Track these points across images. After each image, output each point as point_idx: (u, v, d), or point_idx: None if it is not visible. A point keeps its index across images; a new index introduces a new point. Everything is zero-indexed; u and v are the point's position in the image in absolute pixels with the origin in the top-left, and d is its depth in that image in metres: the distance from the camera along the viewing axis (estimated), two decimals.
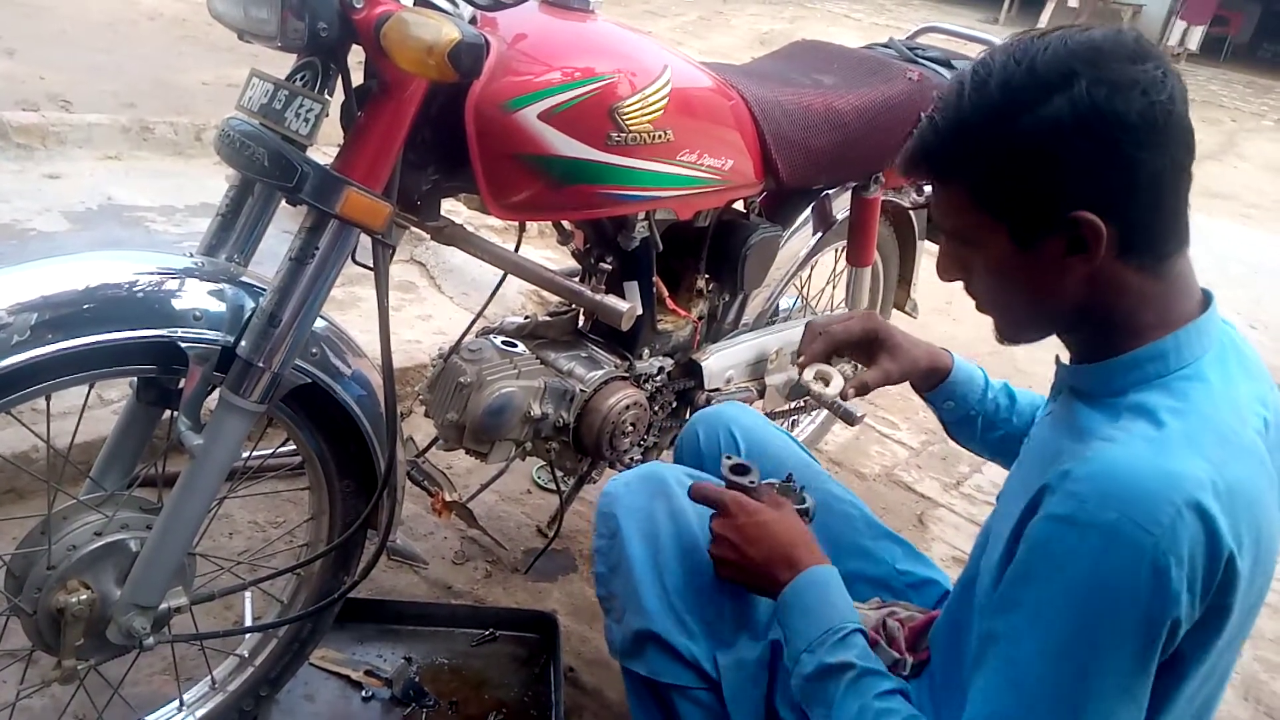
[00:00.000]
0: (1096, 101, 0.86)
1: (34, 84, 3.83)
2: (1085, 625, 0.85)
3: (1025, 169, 0.89)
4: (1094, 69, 0.86)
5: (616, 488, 1.29)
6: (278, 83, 1.16)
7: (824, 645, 1.06)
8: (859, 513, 1.42)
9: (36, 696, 1.38)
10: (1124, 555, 0.83)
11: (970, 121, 0.91)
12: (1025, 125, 0.87)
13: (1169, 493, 0.83)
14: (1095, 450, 0.88)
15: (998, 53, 0.91)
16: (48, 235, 2.88)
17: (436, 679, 1.64)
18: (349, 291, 2.72)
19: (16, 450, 1.75)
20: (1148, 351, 0.94)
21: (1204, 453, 0.86)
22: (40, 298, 1.05)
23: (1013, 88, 0.88)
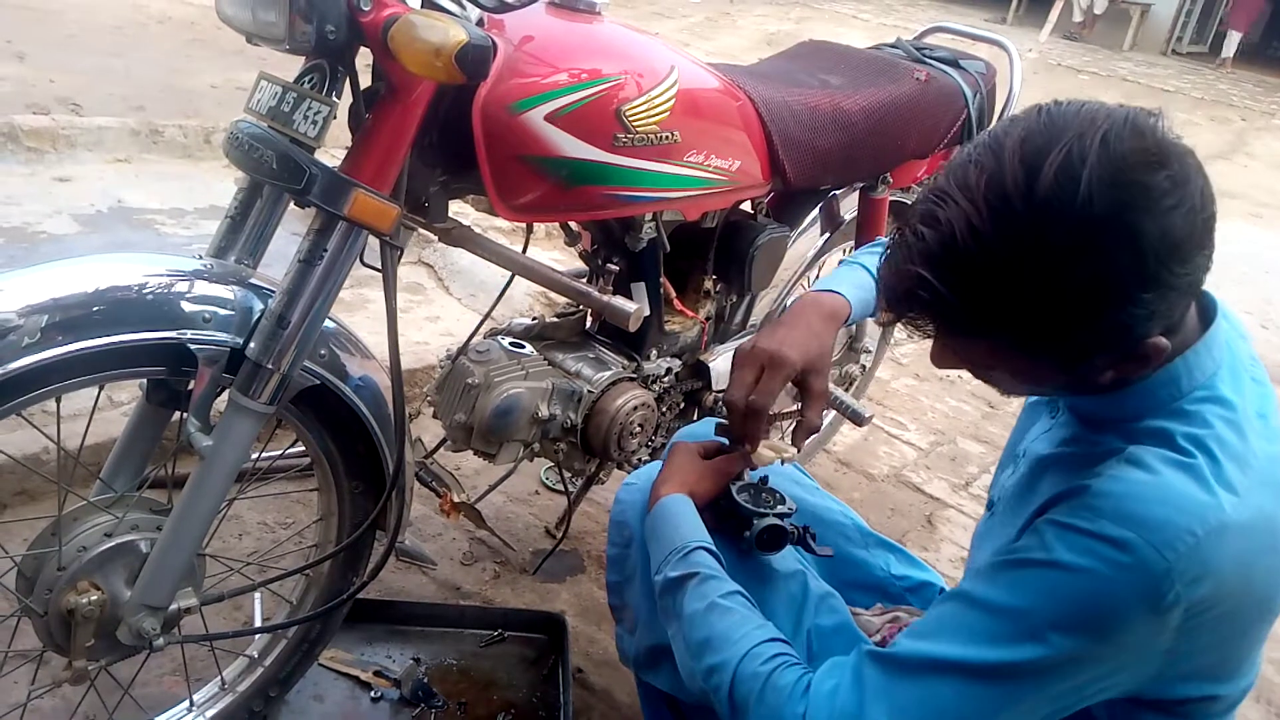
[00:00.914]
0: (1150, 242, 0.78)
1: (44, 87, 3.85)
2: (1063, 623, 0.85)
3: (1080, 322, 0.81)
4: (1144, 199, 0.78)
5: (630, 495, 1.28)
6: (286, 85, 1.16)
7: (669, 563, 1.10)
8: (850, 521, 1.41)
9: (47, 697, 1.39)
10: (1131, 573, 0.82)
11: (1014, 275, 0.80)
12: (1080, 281, 0.79)
13: (1190, 522, 0.82)
14: (1118, 471, 0.87)
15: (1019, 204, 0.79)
16: (58, 238, 2.89)
17: (445, 679, 1.65)
18: (357, 293, 2.72)
19: (27, 452, 1.76)
20: (1159, 379, 0.91)
21: (1226, 483, 0.85)
22: (50, 300, 1.05)
23: (1055, 241, 0.78)
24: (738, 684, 0.98)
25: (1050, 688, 0.87)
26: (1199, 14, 13.50)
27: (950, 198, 0.82)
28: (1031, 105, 0.86)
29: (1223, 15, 12.95)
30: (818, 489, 1.45)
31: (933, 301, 0.84)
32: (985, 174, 0.81)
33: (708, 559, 1.09)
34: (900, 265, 0.86)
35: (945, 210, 0.82)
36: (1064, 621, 0.85)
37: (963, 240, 0.81)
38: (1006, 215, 0.79)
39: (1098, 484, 0.86)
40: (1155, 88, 9.85)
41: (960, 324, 0.86)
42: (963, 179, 0.83)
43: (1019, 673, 0.86)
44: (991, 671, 0.87)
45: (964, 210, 0.81)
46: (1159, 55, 12.63)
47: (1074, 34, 12.43)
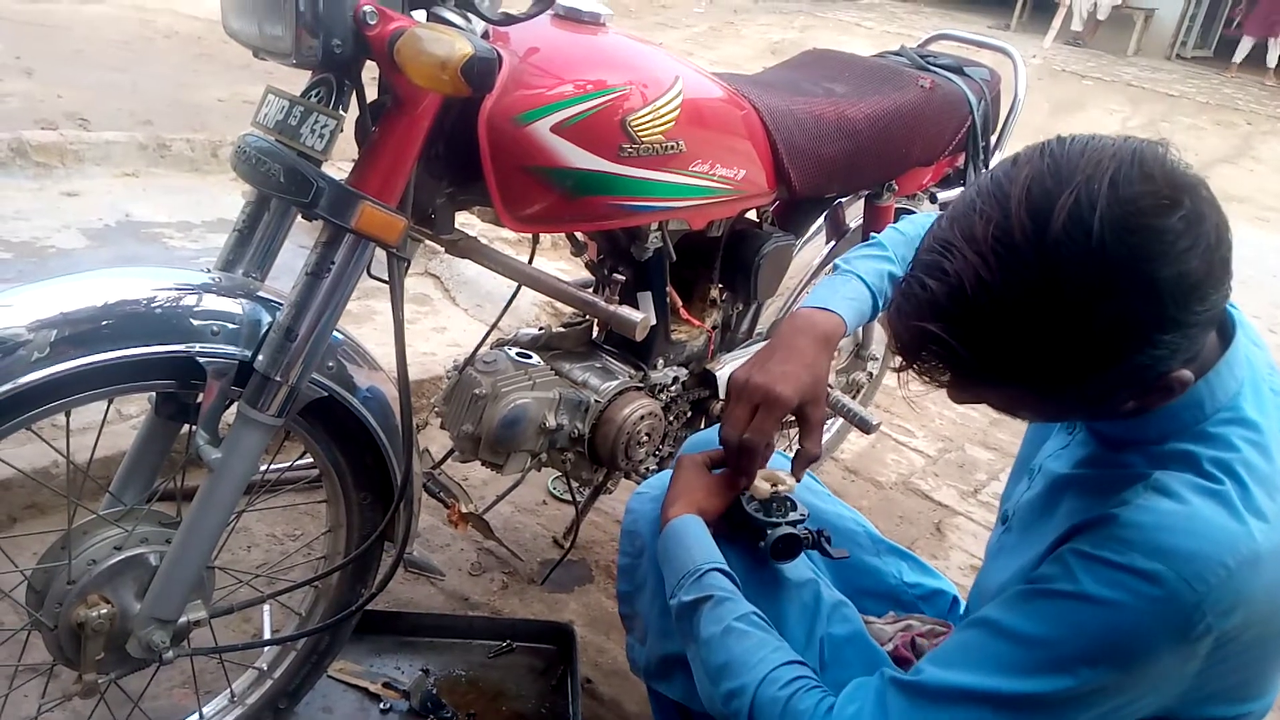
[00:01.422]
0: (1167, 288, 0.77)
1: (52, 103, 3.88)
2: (1090, 654, 0.84)
3: (1103, 368, 0.80)
4: (1158, 245, 0.76)
5: (642, 504, 1.27)
6: (293, 99, 1.17)
7: (682, 587, 1.09)
8: (862, 529, 1.40)
9: (58, 710, 1.39)
10: (1162, 605, 0.81)
11: (1028, 326, 0.78)
12: (1098, 324, 0.77)
13: (1221, 554, 0.81)
14: (1146, 501, 0.86)
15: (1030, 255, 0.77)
16: (66, 252, 2.91)
17: (454, 691, 1.64)
18: (364, 305, 2.73)
19: (37, 466, 1.76)
20: (1182, 402, 0.89)
21: (1256, 510, 0.84)
22: (60, 314, 1.06)
23: (1069, 291, 0.76)
24: (757, 709, 0.98)
25: (1076, 715, 0.87)
26: (1203, 19, 13.48)
27: (956, 249, 0.80)
28: (1034, 145, 0.84)
29: (1235, 20, 12.87)
30: (830, 495, 1.45)
31: (944, 354, 0.83)
32: (991, 224, 0.79)
33: (721, 580, 1.08)
34: (909, 319, 0.84)
35: (952, 262, 0.80)
36: (1093, 654, 0.84)
37: (973, 293, 0.79)
38: (1016, 267, 0.77)
39: (1126, 514, 0.85)
40: (1160, 92, 9.85)
41: (975, 374, 0.85)
42: (968, 229, 0.80)
43: (1045, 703, 0.86)
44: (1018, 702, 0.86)
45: (971, 263, 0.79)
46: (1163, 60, 12.63)
47: (1078, 40, 12.43)
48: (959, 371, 0.86)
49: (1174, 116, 8.81)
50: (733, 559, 1.16)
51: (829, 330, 1.22)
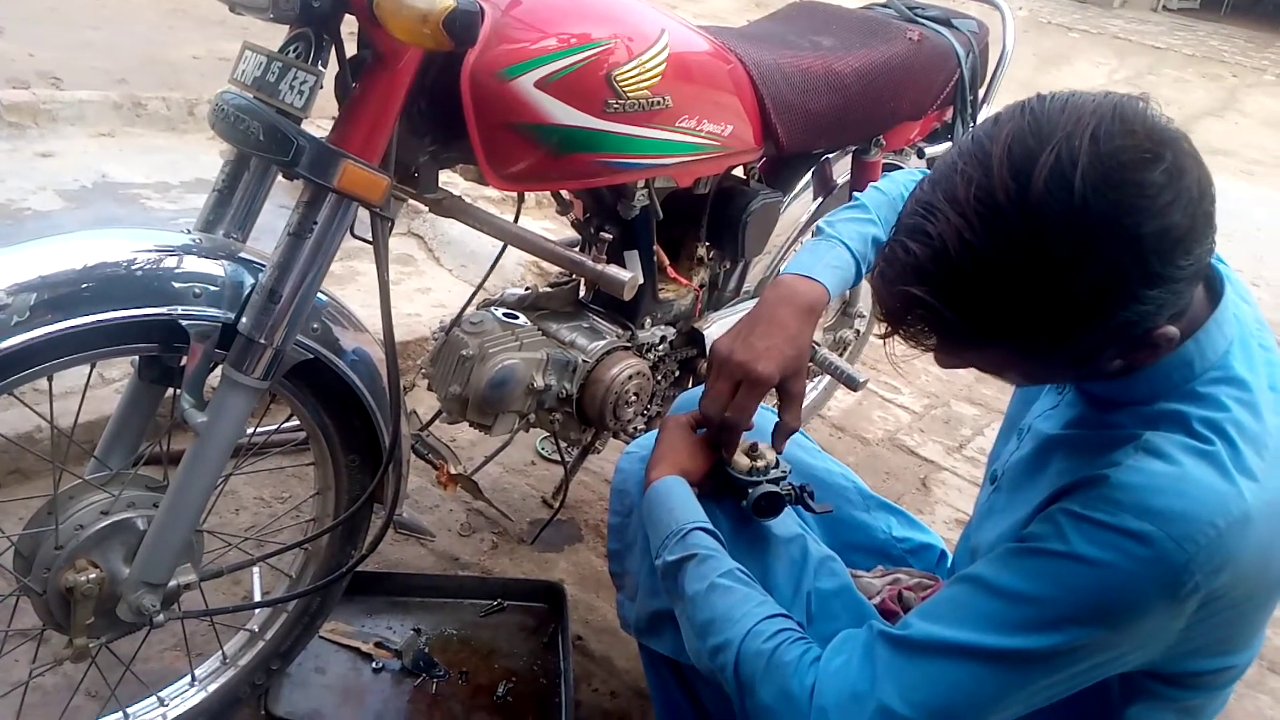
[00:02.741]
0: (1151, 243, 0.77)
1: (24, 61, 3.79)
2: (1081, 614, 0.85)
3: (1088, 326, 0.80)
4: (1140, 200, 0.76)
5: (631, 464, 1.28)
6: (271, 55, 1.14)
7: (667, 547, 1.10)
8: (851, 484, 1.41)
9: (49, 675, 1.39)
10: (1151, 566, 0.82)
11: (1013, 286, 0.78)
12: (1082, 290, 0.77)
13: (1211, 514, 0.81)
14: (1137, 461, 0.86)
15: (1013, 214, 0.76)
16: (43, 214, 2.86)
17: (446, 649, 1.66)
18: (348, 266, 2.70)
19: (20, 431, 1.75)
20: (1171, 361, 0.89)
21: (1248, 469, 0.84)
22: (39, 278, 1.04)
23: (1066, 258, 0.76)
24: (742, 662, 0.99)
25: (1062, 671, 0.88)
26: None
27: (939, 212, 0.80)
28: (1015, 103, 0.83)
29: None
30: (819, 451, 1.45)
31: (930, 318, 0.83)
32: (973, 185, 0.78)
33: (704, 539, 1.09)
34: (894, 283, 0.84)
35: (935, 225, 0.80)
36: (1082, 613, 0.85)
37: (956, 255, 0.79)
38: (1000, 227, 0.77)
39: (1116, 474, 0.85)
40: (1147, 44, 9.80)
41: (961, 336, 0.84)
42: (950, 191, 0.80)
43: (1032, 659, 0.87)
44: (1005, 657, 0.87)
45: (955, 225, 0.78)
46: (1150, 12, 12.55)
47: None
48: (945, 335, 0.85)
49: (1160, 69, 8.77)
50: (718, 517, 1.16)
51: (812, 300, 1.20)
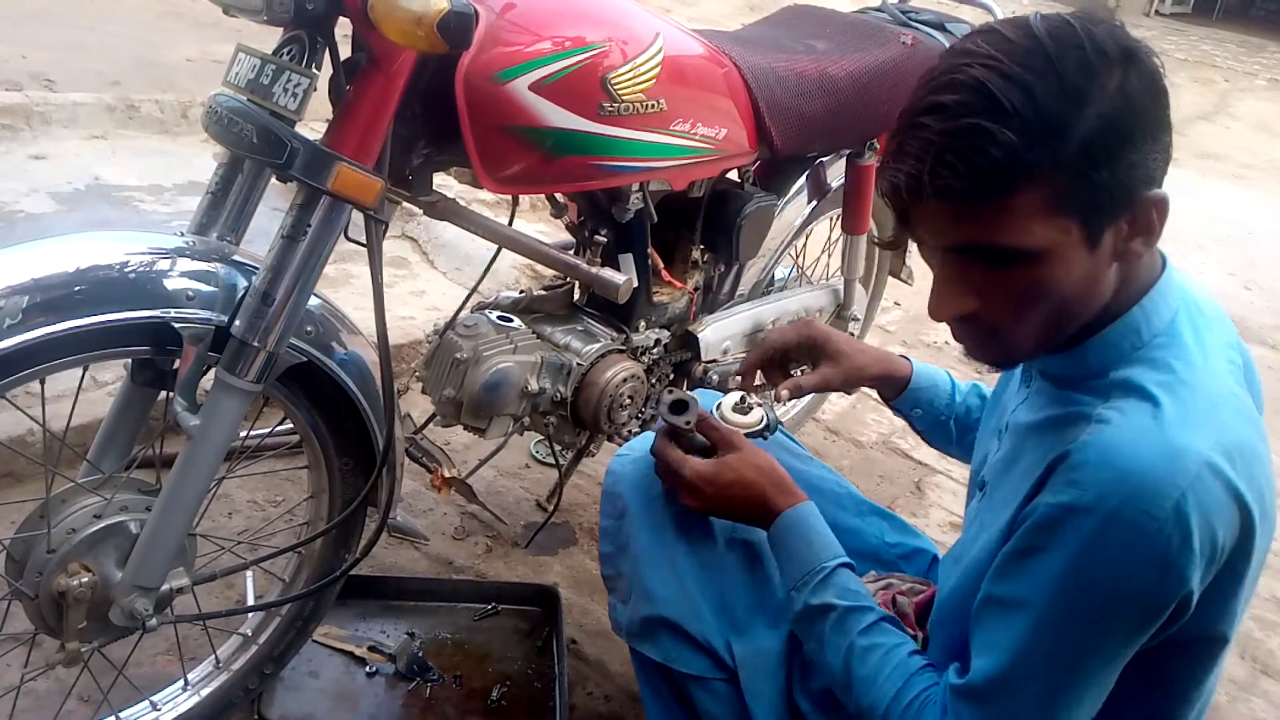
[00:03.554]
0: (1153, 71, 0.84)
1: (16, 63, 3.78)
2: (1088, 606, 0.87)
3: (1110, 152, 0.82)
4: (1136, 43, 0.84)
5: (623, 466, 1.27)
6: (264, 57, 1.14)
7: (807, 586, 1.08)
8: (844, 490, 1.41)
9: (41, 679, 1.38)
10: (1130, 542, 0.83)
11: (1056, 113, 0.81)
12: (1109, 105, 0.81)
13: (1173, 474, 0.82)
14: (1093, 434, 0.87)
15: (1031, 44, 0.82)
16: (36, 217, 2.85)
17: (440, 653, 1.65)
18: (341, 269, 2.70)
19: (12, 434, 1.74)
20: (1120, 328, 0.92)
21: (1201, 424, 0.85)
22: (31, 280, 1.04)
23: (1092, 69, 0.81)
24: None
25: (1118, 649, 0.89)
26: None
27: (957, 71, 0.83)
28: None
29: None
30: (810, 457, 1.45)
31: (984, 152, 0.81)
32: (980, 42, 0.84)
33: (847, 579, 1.08)
34: (933, 141, 0.83)
35: (962, 76, 0.83)
36: (1094, 601, 0.86)
37: (997, 83, 0.81)
38: (1021, 55, 0.82)
39: (1078, 454, 0.87)
40: None
41: (1003, 173, 0.82)
42: (960, 58, 0.84)
43: (1086, 648, 0.88)
44: (1059, 667, 0.89)
45: (985, 66, 0.82)
46: (1142, 16, 12.59)
47: None
48: (982, 177, 0.82)
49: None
50: (718, 526, 1.17)
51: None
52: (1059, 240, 0.85)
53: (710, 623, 1.16)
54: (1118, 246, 0.88)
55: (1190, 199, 5.47)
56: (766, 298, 2.01)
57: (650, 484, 1.22)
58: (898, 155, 0.86)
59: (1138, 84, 0.83)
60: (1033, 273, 0.87)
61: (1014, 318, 0.91)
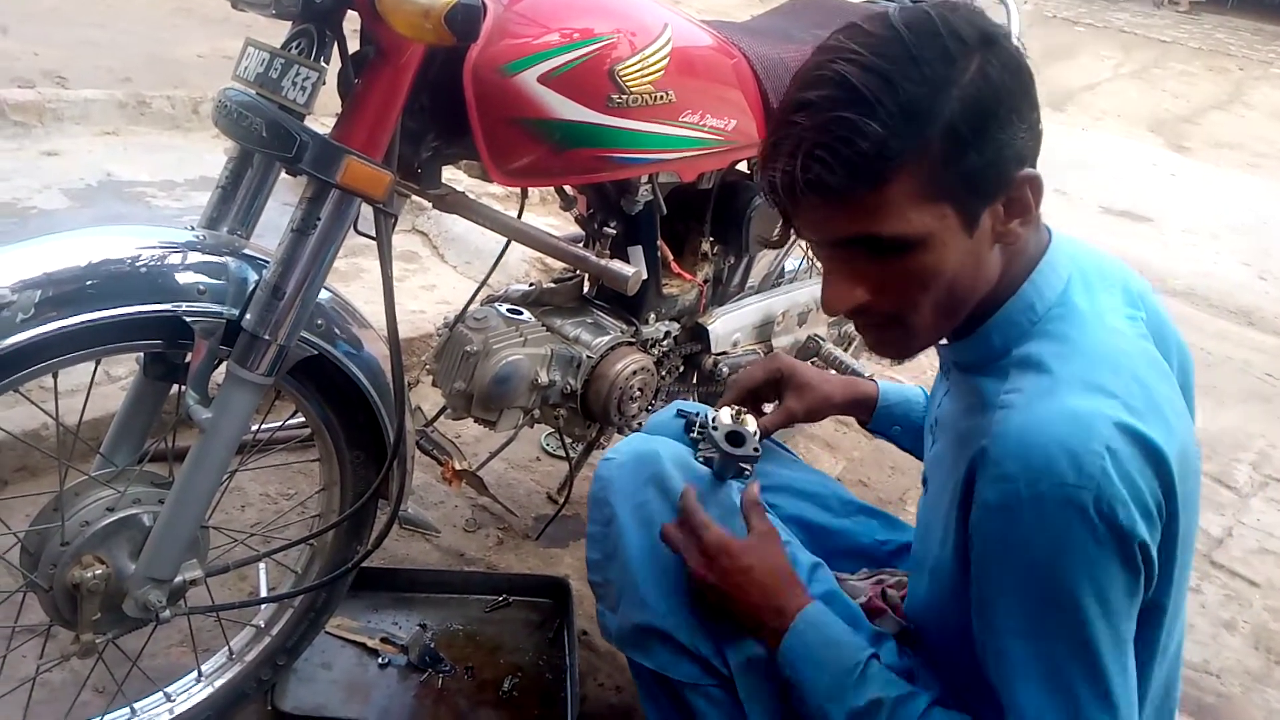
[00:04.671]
0: (1014, 53, 0.87)
1: (28, 61, 3.80)
2: (1066, 596, 0.86)
3: (977, 135, 0.84)
4: (996, 27, 0.87)
5: (610, 471, 1.22)
6: (273, 51, 1.14)
7: (845, 691, 1.01)
8: (829, 492, 1.41)
9: (56, 670, 1.40)
10: (1068, 519, 0.83)
11: (917, 100, 0.82)
12: (970, 89, 0.83)
13: (1086, 440, 0.83)
14: (1000, 422, 0.88)
15: (890, 35, 0.84)
16: (48, 213, 2.87)
17: (452, 645, 1.66)
18: (352, 263, 2.71)
19: (26, 428, 1.75)
20: (1014, 305, 0.95)
21: (1101, 386, 0.86)
22: (43, 275, 1.04)
23: (950, 55, 0.83)
24: None
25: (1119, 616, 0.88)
26: None
27: (822, 68, 0.86)
28: None
29: None
30: (796, 461, 1.45)
31: (852, 144, 0.83)
32: (844, 38, 0.86)
33: (881, 674, 1.02)
34: (803, 137, 0.85)
35: (827, 72, 0.85)
36: (1068, 588, 0.86)
37: (859, 76, 0.83)
38: (888, 42, 0.84)
39: (993, 449, 0.88)
40: (1153, 38, 9.76)
41: (871, 164, 0.83)
42: (827, 54, 0.86)
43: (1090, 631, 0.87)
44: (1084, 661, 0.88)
45: (847, 60, 0.84)
46: (1155, 6, 12.49)
47: None
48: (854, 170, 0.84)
49: (1166, 63, 8.74)
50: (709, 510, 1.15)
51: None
52: (936, 226, 0.87)
53: (702, 631, 1.13)
54: (996, 228, 0.90)
55: (1205, 188, 5.43)
56: (777, 289, 2.00)
57: (638, 489, 1.19)
58: (771, 154, 0.88)
59: (998, 66, 0.84)
60: (916, 259, 0.89)
61: (905, 304, 0.93)
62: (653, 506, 1.18)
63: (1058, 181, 5.05)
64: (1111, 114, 6.81)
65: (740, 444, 1.19)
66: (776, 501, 1.32)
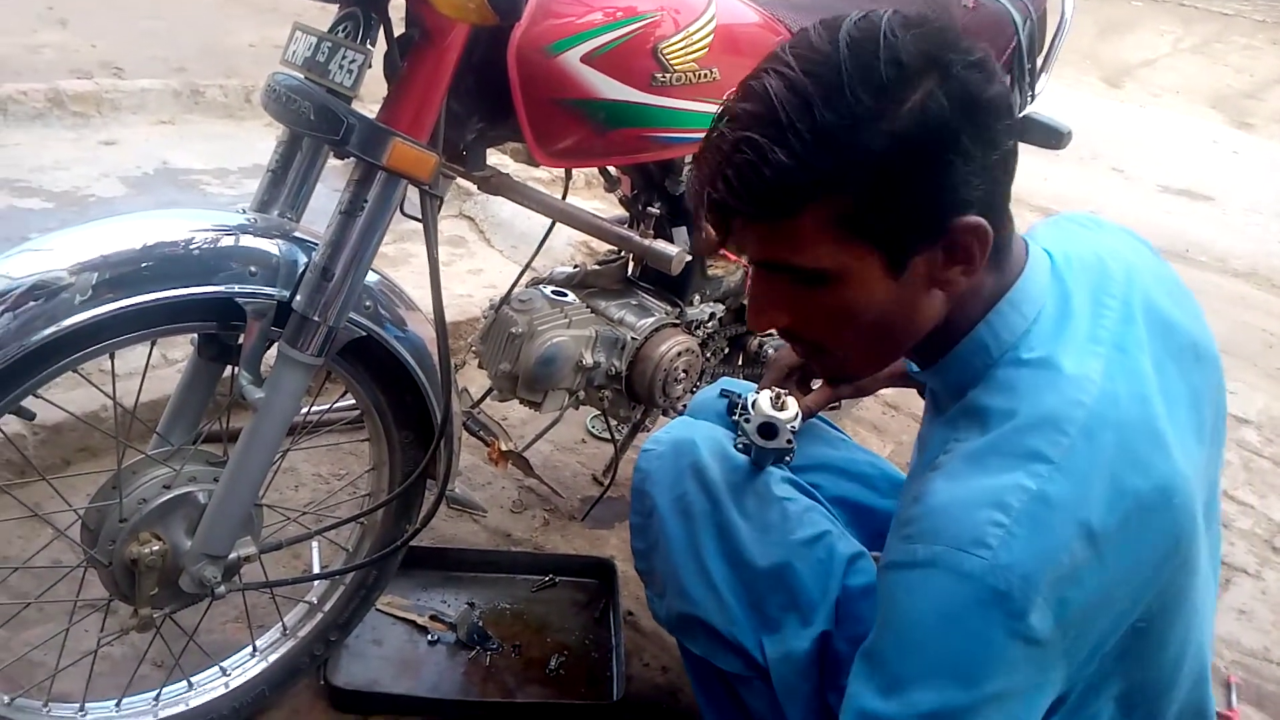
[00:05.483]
0: (969, 87, 0.77)
1: (86, 53, 3.89)
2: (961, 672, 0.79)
3: (907, 176, 0.77)
4: (954, 52, 0.78)
5: (649, 463, 1.23)
6: (320, 35, 1.15)
7: None
8: (878, 472, 1.38)
9: (116, 644, 1.43)
10: (958, 586, 0.78)
11: (836, 132, 0.75)
12: (904, 124, 0.75)
13: (992, 512, 0.78)
14: (924, 483, 0.85)
15: (828, 52, 0.77)
16: (106, 201, 2.94)
17: (499, 623, 1.68)
18: (400, 248, 2.74)
19: (87, 410, 1.80)
20: (967, 346, 0.89)
21: (1035, 452, 0.80)
22: (100, 257, 1.07)
23: (883, 84, 0.75)
24: None
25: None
26: None
27: (757, 77, 0.80)
28: None
29: None
30: (843, 440, 1.43)
31: (757, 170, 0.77)
32: (788, 45, 0.80)
33: None
34: (719, 150, 0.80)
35: (757, 84, 0.79)
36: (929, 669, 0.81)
37: (781, 95, 0.77)
38: (821, 61, 0.77)
39: (911, 506, 0.84)
40: (1214, 11, 9.45)
41: (797, 193, 0.78)
42: (768, 61, 0.81)
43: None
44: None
45: (778, 73, 0.78)
46: None
47: None
48: (768, 197, 0.79)
49: (1229, 36, 8.47)
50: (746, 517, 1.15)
51: None
52: (855, 265, 0.81)
53: (742, 623, 1.13)
54: (934, 274, 0.83)
55: (1268, 166, 5.27)
56: None
57: (676, 481, 1.19)
58: (695, 162, 0.84)
59: (941, 101, 0.76)
60: (835, 294, 0.83)
61: (828, 336, 0.89)
62: (691, 497, 1.18)
63: (1114, 160, 4.94)
64: (1170, 90, 6.62)
65: (773, 436, 1.16)
66: (820, 482, 1.31)
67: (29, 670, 1.37)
